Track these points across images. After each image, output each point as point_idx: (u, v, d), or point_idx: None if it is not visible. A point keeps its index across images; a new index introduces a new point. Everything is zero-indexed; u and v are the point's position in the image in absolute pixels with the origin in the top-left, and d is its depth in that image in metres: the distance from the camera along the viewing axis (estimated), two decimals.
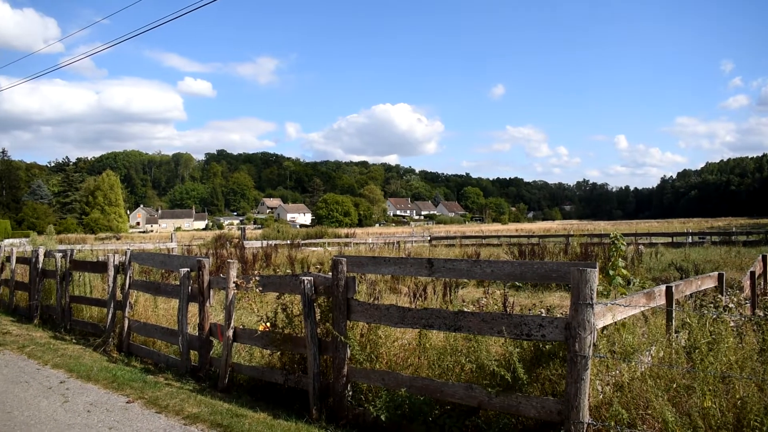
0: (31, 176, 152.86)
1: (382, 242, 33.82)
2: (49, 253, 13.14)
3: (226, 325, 7.30)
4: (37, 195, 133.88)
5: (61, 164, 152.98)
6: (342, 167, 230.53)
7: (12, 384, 7.68)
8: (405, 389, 5.52)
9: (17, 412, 6.51)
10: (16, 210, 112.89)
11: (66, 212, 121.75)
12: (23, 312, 13.61)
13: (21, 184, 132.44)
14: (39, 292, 12.85)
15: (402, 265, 5.91)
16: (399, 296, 11.39)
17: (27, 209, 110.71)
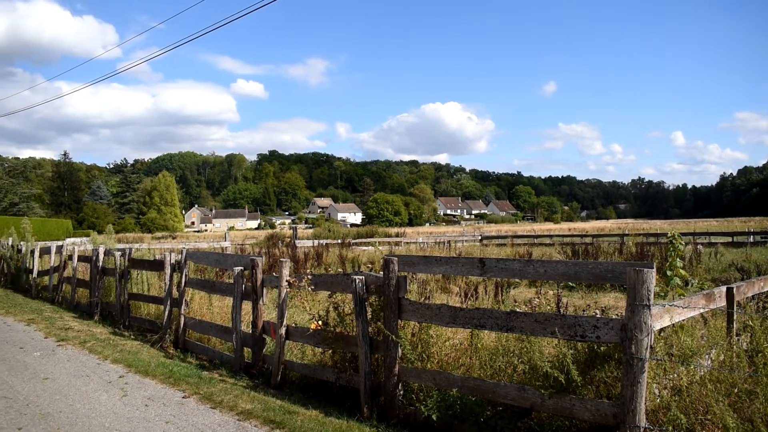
0: (91, 177, 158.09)
1: (433, 242, 33.73)
2: (108, 252, 13.54)
3: (279, 323, 7.40)
4: (97, 195, 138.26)
5: (119, 166, 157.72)
6: (392, 167, 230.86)
7: (74, 378, 7.95)
8: (456, 389, 5.49)
9: (79, 404, 6.73)
10: (77, 210, 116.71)
11: (124, 212, 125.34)
12: (84, 308, 14.08)
13: (81, 185, 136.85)
14: (99, 289, 13.26)
15: (453, 264, 5.89)
16: (450, 296, 11.34)
17: (87, 209, 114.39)
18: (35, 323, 12.35)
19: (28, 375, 8.07)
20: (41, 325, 12.06)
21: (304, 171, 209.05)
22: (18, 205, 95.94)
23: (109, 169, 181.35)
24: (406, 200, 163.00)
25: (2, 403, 6.74)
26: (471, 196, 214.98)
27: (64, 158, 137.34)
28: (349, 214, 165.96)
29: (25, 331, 11.50)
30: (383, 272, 6.10)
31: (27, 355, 9.34)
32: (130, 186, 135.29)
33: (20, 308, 14.67)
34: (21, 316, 13.40)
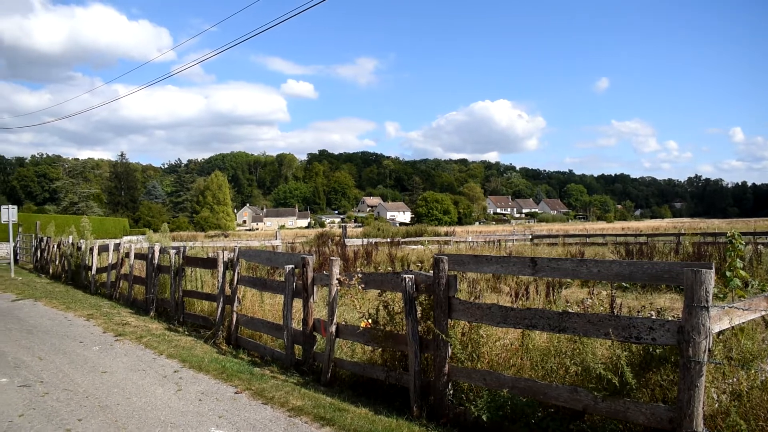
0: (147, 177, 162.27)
1: (482, 241, 33.46)
2: (163, 250, 13.86)
3: (329, 321, 7.45)
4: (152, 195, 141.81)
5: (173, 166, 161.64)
6: (441, 165, 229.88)
7: (131, 372, 8.17)
8: (507, 390, 5.44)
9: (135, 398, 6.92)
10: (133, 209, 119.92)
11: (178, 211, 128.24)
12: (140, 305, 14.45)
13: (138, 184, 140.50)
14: (155, 286, 13.58)
15: (504, 263, 5.83)
16: (500, 295, 11.25)
17: (143, 208, 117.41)
18: (94, 318, 12.74)
19: (88, 368, 8.33)
20: (100, 321, 12.44)
21: (353, 170, 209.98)
22: (77, 204, 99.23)
23: (163, 169, 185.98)
24: (456, 199, 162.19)
25: (63, 395, 6.98)
26: (521, 194, 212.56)
27: (121, 159, 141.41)
28: (398, 213, 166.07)
29: (84, 326, 11.87)
30: (433, 271, 6.09)
31: (86, 350, 9.65)
32: (184, 185, 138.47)
33: (80, 304, 15.16)
34: (81, 311, 13.84)
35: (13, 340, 10.44)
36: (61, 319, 12.88)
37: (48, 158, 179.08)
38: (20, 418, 6.18)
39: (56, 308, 14.52)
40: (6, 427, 5.89)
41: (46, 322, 12.47)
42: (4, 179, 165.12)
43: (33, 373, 8.07)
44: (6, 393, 7.10)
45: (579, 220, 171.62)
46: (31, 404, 6.65)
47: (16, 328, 11.65)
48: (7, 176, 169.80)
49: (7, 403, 6.67)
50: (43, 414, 6.31)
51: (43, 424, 5.98)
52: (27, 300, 16.19)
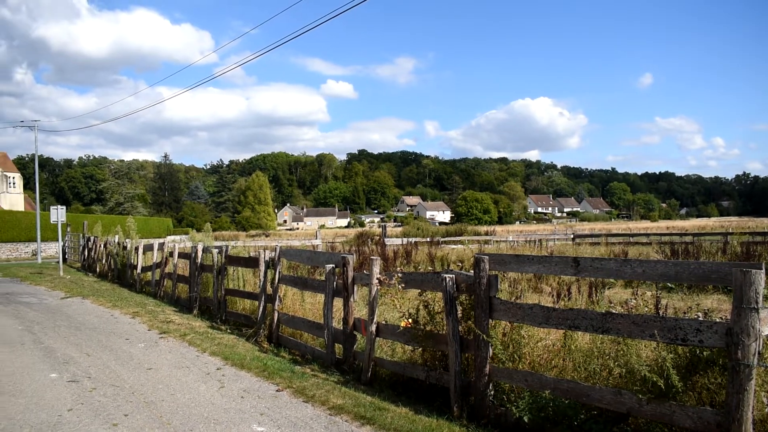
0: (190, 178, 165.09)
1: (523, 240, 33.17)
2: (206, 249, 14.07)
3: (369, 320, 7.47)
4: (195, 195, 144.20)
5: (215, 166, 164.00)
6: (481, 164, 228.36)
7: (175, 368, 8.32)
8: (549, 391, 5.38)
9: (180, 394, 7.04)
10: (176, 209, 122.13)
11: (220, 211, 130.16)
12: (184, 303, 14.70)
13: (181, 185, 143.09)
14: (198, 285, 13.80)
15: (546, 263, 5.76)
16: (541, 296, 11.13)
17: (186, 208, 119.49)
18: (139, 316, 13.01)
19: (134, 365, 8.51)
20: (145, 318, 12.69)
21: (392, 170, 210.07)
22: (123, 204, 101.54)
23: (206, 169, 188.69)
24: (496, 198, 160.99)
25: (110, 391, 7.14)
26: (563, 193, 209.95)
27: (165, 160, 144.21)
28: (437, 212, 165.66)
29: (130, 324, 12.14)
30: (474, 271, 6.05)
31: (132, 346, 9.86)
32: (225, 186, 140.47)
33: (126, 302, 15.50)
34: (126, 309, 14.15)
35: (62, 336, 10.73)
36: (107, 316, 13.19)
37: (95, 160, 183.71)
38: (69, 412, 6.35)
39: (103, 306, 14.87)
40: (56, 421, 6.06)
41: (94, 319, 12.78)
42: (53, 180, 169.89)
43: (81, 369, 8.28)
44: (55, 388, 7.30)
45: (622, 220, 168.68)
46: (80, 399, 6.82)
47: (65, 325, 11.97)
48: (56, 178, 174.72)
49: (56, 398, 6.86)
50: (91, 409, 6.47)
51: (91, 419, 6.13)
52: (75, 298, 16.63)
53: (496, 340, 5.96)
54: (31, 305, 15.06)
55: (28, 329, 11.42)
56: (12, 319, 12.71)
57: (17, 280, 22.89)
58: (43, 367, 8.42)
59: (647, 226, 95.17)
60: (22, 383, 7.53)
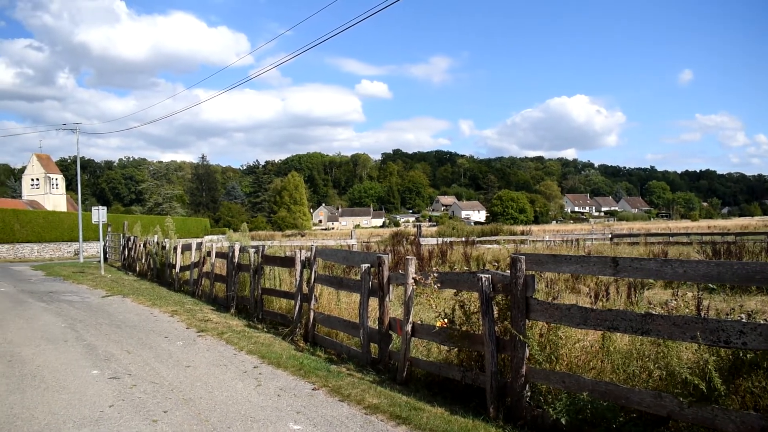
0: (226, 179, 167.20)
1: (560, 240, 32.82)
2: (243, 249, 14.22)
3: (405, 320, 7.46)
4: (232, 195, 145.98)
5: (251, 167, 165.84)
6: (517, 163, 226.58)
7: (213, 366, 8.42)
8: (587, 393, 5.31)
9: (217, 392, 7.13)
10: (213, 209, 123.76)
11: (256, 211, 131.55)
12: (221, 302, 14.88)
13: (218, 185, 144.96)
14: (235, 284, 13.96)
15: (584, 263, 5.69)
16: (579, 296, 10.99)
17: (223, 208, 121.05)
18: (178, 315, 13.22)
19: (172, 362, 8.64)
20: (183, 317, 12.89)
21: (427, 169, 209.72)
22: (161, 204, 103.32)
23: (242, 170, 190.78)
24: (532, 197, 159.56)
25: (150, 388, 7.27)
26: (600, 192, 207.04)
27: (202, 161, 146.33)
28: (472, 212, 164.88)
29: (169, 322, 12.33)
30: (510, 271, 6.00)
31: (171, 344, 10.02)
32: (261, 186, 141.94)
33: (164, 300, 15.76)
34: (165, 307, 14.39)
35: (103, 334, 10.96)
36: (147, 314, 13.42)
37: (134, 161, 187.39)
38: (110, 408, 6.48)
39: (143, 304, 15.15)
40: (98, 417, 6.19)
41: (134, 317, 13.02)
42: (94, 182, 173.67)
43: (122, 365, 8.44)
44: (97, 384, 7.46)
45: (661, 219, 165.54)
46: (121, 395, 6.96)
47: (106, 323, 12.22)
48: (97, 179, 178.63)
49: (98, 394, 7.01)
50: (132, 405, 6.59)
51: (131, 415, 6.24)
52: (116, 296, 16.96)
53: (533, 341, 5.90)
54: (74, 303, 15.41)
55: (71, 327, 11.68)
56: (55, 316, 13.02)
57: (60, 278, 23.44)
58: (85, 363, 8.60)
59: (687, 225, 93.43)
60: (65, 379, 7.71)
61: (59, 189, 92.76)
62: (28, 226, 44.78)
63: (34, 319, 12.63)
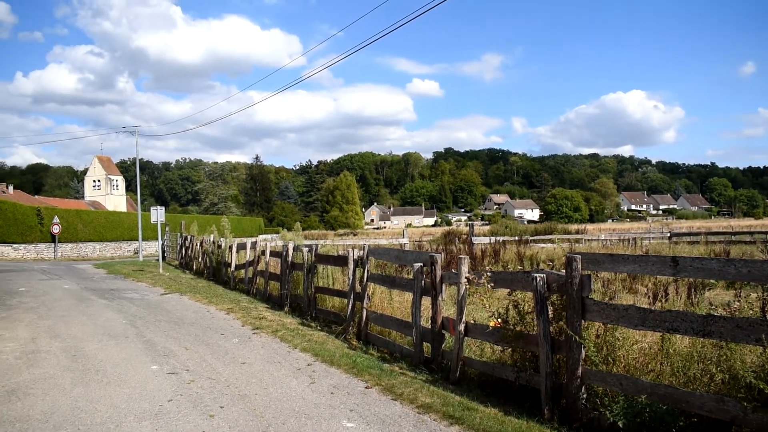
0: (280, 179, 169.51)
1: (616, 239, 32.14)
2: (296, 248, 14.38)
3: (458, 319, 7.43)
4: (285, 195, 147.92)
5: (304, 167, 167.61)
6: (571, 160, 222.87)
7: (267, 363, 8.55)
8: (645, 396, 5.18)
9: (272, 388, 7.23)
10: (267, 209, 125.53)
11: (309, 210, 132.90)
12: (275, 300, 15.09)
13: (271, 185, 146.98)
14: (288, 282, 14.13)
15: (642, 263, 5.55)
16: (636, 296, 10.75)
17: (277, 208, 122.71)
18: (233, 312, 13.46)
19: (228, 359, 8.81)
20: (238, 314, 13.12)
21: (479, 167, 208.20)
22: (217, 204, 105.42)
23: (295, 170, 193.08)
24: (587, 195, 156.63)
25: (207, 383, 7.42)
26: (658, 190, 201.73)
27: (256, 161, 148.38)
28: (526, 211, 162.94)
29: (225, 319, 12.58)
30: (566, 270, 5.91)
31: (227, 341, 10.21)
32: (314, 186, 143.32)
33: (220, 298, 16.08)
34: (221, 305, 14.68)
35: (162, 330, 11.24)
36: (203, 312, 13.72)
37: (190, 162, 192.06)
38: (169, 402, 6.64)
39: (199, 302, 15.49)
40: (157, 411, 6.35)
41: (191, 314, 13.33)
42: (153, 183, 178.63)
43: (180, 361, 8.64)
44: (157, 379, 7.66)
45: (723, 217, 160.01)
46: (179, 390, 7.13)
47: (165, 319, 12.54)
48: (155, 180, 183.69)
49: (158, 389, 7.19)
50: (189, 400, 6.74)
51: (189, 410, 6.38)
52: (174, 294, 17.39)
53: (589, 342, 5.79)
54: (134, 301, 15.86)
55: (131, 323, 12.03)
56: (117, 313, 13.43)
57: (121, 276, 24.16)
58: (145, 359, 8.84)
59: (750, 223, 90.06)
60: (126, 374, 7.94)
61: (119, 190, 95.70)
62: (90, 226, 46.34)
63: (97, 316, 13.05)
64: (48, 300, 15.79)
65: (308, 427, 5.86)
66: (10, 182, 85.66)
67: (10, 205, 40.39)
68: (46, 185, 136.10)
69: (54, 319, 12.48)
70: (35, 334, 10.88)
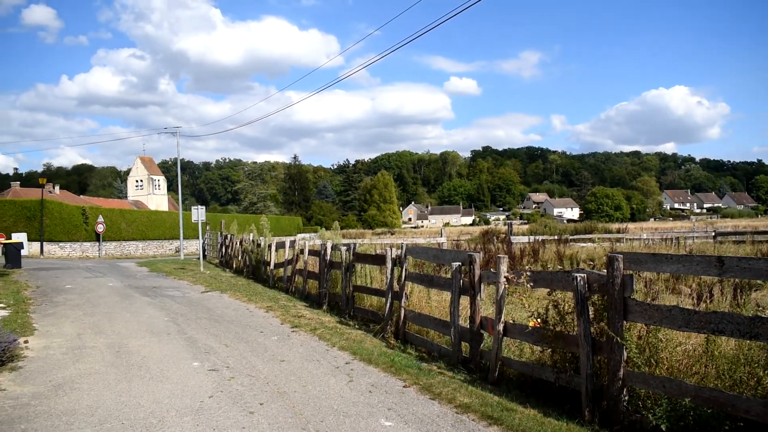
0: (318, 178, 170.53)
1: (658, 238, 31.51)
2: (335, 247, 14.45)
3: (497, 319, 7.38)
4: (323, 194, 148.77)
5: (342, 166, 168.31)
6: (611, 158, 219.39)
7: (306, 361, 8.61)
8: (689, 399, 5.07)
9: (311, 386, 7.28)
10: (305, 208, 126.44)
11: (347, 209, 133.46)
12: (314, 298, 15.19)
13: (309, 185, 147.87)
14: (327, 281, 14.22)
15: (686, 263, 5.43)
16: (680, 297, 10.53)
17: (315, 207, 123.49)
18: (273, 310, 13.60)
19: (268, 356, 8.90)
20: (277, 312, 13.25)
21: (518, 166, 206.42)
22: (256, 204, 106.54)
23: (333, 169, 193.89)
24: (628, 194, 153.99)
25: (247, 380, 7.51)
26: (702, 188, 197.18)
27: (294, 161, 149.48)
28: (565, 210, 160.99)
29: (264, 317, 12.71)
30: (607, 270, 5.82)
31: (266, 339, 10.32)
32: (352, 185, 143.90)
33: (260, 296, 16.25)
34: (261, 303, 14.84)
35: (203, 328, 11.41)
36: (243, 310, 13.89)
37: (230, 162, 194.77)
38: (210, 399, 6.74)
39: (239, 300, 15.68)
40: (198, 407, 6.45)
41: (231, 312, 13.50)
42: (193, 182, 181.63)
43: (220, 358, 8.76)
44: (198, 376, 7.78)
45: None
46: (219, 387, 7.23)
47: (206, 317, 12.73)
48: (196, 179, 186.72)
49: (199, 385, 7.31)
50: (230, 396, 6.83)
51: (230, 406, 6.47)
52: (214, 292, 17.64)
53: (631, 343, 5.69)
54: (175, 298, 16.13)
55: (173, 320, 12.24)
56: (159, 311, 13.68)
57: (163, 274, 24.59)
58: (187, 356, 8.99)
59: None
60: (168, 370, 8.08)
61: (161, 189, 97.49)
62: (133, 225, 47.33)
63: (140, 313, 13.32)
64: (93, 297, 16.17)
65: (347, 425, 5.89)
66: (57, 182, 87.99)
67: (57, 205, 41.46)
68: (91, 185, 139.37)
69: (99, 316, 12.78)
70: (81, 330, 11.15)
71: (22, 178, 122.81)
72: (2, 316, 12.24)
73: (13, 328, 10.59)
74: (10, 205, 40.33)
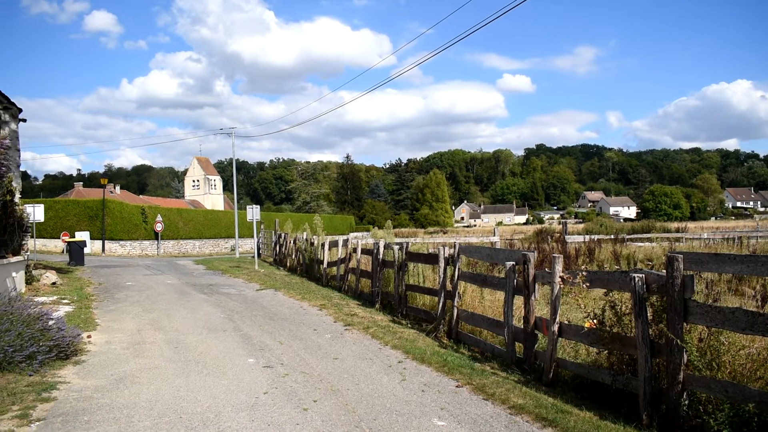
0: (370, 177, 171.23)
1: (720, 237, 30.58)
2: (387, 246, 14.47)
3: (551, 319, 7.27)
4: (375, 193, 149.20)
5: (394, 165, 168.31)
6: (670, 156, 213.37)
7: (359, 359, 8.66)
8: (753, 404, 4.90)
9: (363, 384, 7.32)
10: (358, 207, 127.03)
11: (399, 208, 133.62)
12: (366, 297, 15.26)
13: (362, 184, 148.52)
14: (379, 280, 14.25)
15: (750, 263, 5.24)
16: (743, 299, 10.20)
17: (367, 206, 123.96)
18: (326, 308, 13.72)
19: (321, 354, 8.98)
20: (331, 311, 13.36)
21: (573, 164, 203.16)
22: (309, 203, 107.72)
23: (385, 169, 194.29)
24: (687, 192, 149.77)
25: (301, 377, 7.60)
26: (766, 185, 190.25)
27: (347, 160, 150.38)
28: (622, 208, 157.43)
29: (317, 315, 12.84)
30: (666, 270, 5.67)
31: (320, 337, 10.42)
32: (404, 184, 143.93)
33: (313, 295, 16.42)
34: (314, 301, 14.99)
35: (257, 325, 11.60)
36: (297, 308, 14.06)
37: (284, 162, 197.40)
38: (265, 395, 6.85)
39: (293, 298, 15.88)
40: (253, 402, 6.56)
41: (285, 310, 13.68)
42: (248, 182, 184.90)
43: (275, 355, 8.89)
44: (253, 372, 7.91)
45: None
46: (274, 383, 7.33)
47: (260, 314, 12.93)
48: (250, 179, 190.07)
49: (254, 381, 7.43)
50: (284, 393, 6.92)
51: (284, 402, 6.56)
52: (269, 290, 17.90)
53: (692, 346, 5.53)
54: (231, 296, 16.44)
55: (229, 317, 12.48)
56: (215, 308, 13.96)
57: (219, 272, 25.09)
58: (242, 352, 9.16)
59: None
60: (224, 366, 8.24)
61: (217, 189, 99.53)
62: (190, 224, 48.50)
63: (197, 310, 13.63)
64: (152, 294, 16.63)
65: (399, 424, 5.90)
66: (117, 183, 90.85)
67: (117, 205, 42.82)
68: (150, 185, 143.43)
69: (158, 312, 13.12)
70: (141, 326, 11.48)
71: (85, 178, 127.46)
72: (67, 312, 12.69)
73: (77, 324, 10.97)
74: (73, 205, 41.89)
